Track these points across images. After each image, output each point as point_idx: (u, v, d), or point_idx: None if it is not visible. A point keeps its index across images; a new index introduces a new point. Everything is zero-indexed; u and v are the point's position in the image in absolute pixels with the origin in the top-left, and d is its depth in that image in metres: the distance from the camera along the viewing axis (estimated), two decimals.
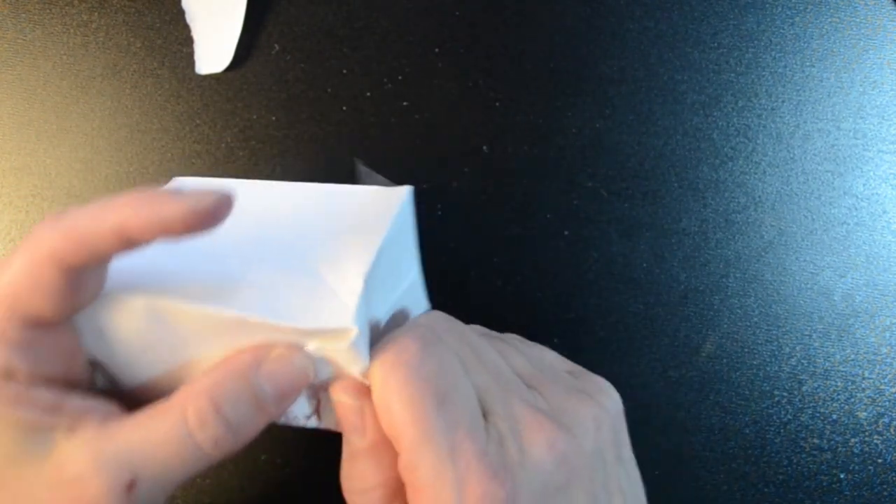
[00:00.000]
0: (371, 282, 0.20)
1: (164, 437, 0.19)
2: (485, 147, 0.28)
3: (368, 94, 0.29)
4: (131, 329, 0.20)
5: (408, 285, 0.24)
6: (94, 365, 0.21)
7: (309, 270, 0.20)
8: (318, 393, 0.21)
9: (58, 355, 0.19)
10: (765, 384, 0.28)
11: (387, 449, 0.19)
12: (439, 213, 0.29)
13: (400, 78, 0.29)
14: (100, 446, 0.18)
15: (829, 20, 0.28)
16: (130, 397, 0.21)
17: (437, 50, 0.29)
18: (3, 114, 0.30)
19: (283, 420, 0.21)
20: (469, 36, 0.29)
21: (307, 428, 0.21)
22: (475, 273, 0.29)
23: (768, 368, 0.28)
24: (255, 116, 0.29)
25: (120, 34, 0.30)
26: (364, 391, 0.19)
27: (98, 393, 0.21)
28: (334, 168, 0.29)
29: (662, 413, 0.28)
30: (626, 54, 0.28)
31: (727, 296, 0.28)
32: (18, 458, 0.19)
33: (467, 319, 0.29)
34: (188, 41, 0.29)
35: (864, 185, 0.28)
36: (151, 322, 0.20)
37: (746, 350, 0.28)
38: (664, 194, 0.28)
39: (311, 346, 0.19)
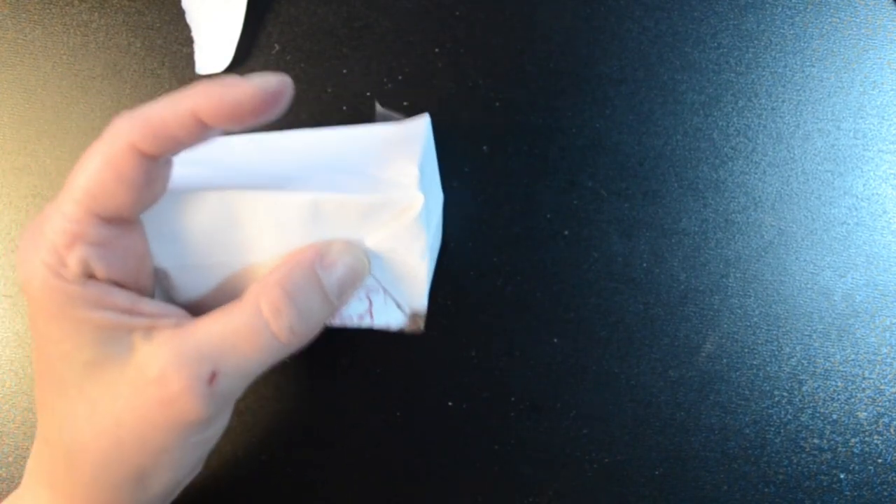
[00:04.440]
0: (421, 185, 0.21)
1: (242, 328, 0.19)
2: (485, 147, 0.28)
3: (368, 94, 0.29)
4: (202, 224, 0.20)
5: (438, 212, 0.25)
6: (157, 275, 0.21)
7: (361, 174, 0.22)
8: (370, 294, 0.22)
9: (130, 258, 0.19)
10: (765, 384, 0.28)
11: None
12: None
13: (400, 78, 0.29)
14: (179, 344, 0.19)
15: (829, 20, 0.28)
16: (190, 309, 0.21)
17: (437, 50, 0.29)
18: (3, 114, 0.30)
19: (338, 322, 0.22)
20: (469, 36, 0.29)
21: (360, 328, 0.22)
22: (475, 273, 0.29)
23: (768, 368, 0.28)
24: None
25: (120, 34, 0.30)
26: None
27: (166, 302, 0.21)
28: None
29: (662, 413, 0.28)
30: (626, 54, 0.28)
31: (727, 296, 0.28)
32: (99, 361, 0.19)
33: (467, 319, 0.29)
34: (188, 41, 0.29)
35: (864, 185, 0.28)
36: (222, 217, 0.20)
37: (746, 350, 0.28)
38: (664, 194, 0.28)
39: (371, 239, 0.21)
